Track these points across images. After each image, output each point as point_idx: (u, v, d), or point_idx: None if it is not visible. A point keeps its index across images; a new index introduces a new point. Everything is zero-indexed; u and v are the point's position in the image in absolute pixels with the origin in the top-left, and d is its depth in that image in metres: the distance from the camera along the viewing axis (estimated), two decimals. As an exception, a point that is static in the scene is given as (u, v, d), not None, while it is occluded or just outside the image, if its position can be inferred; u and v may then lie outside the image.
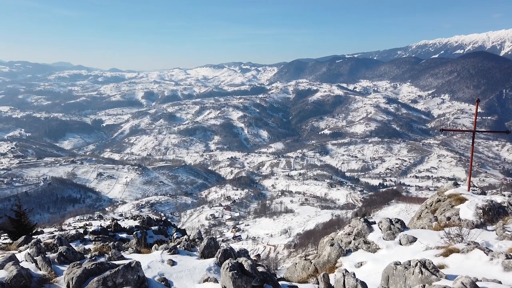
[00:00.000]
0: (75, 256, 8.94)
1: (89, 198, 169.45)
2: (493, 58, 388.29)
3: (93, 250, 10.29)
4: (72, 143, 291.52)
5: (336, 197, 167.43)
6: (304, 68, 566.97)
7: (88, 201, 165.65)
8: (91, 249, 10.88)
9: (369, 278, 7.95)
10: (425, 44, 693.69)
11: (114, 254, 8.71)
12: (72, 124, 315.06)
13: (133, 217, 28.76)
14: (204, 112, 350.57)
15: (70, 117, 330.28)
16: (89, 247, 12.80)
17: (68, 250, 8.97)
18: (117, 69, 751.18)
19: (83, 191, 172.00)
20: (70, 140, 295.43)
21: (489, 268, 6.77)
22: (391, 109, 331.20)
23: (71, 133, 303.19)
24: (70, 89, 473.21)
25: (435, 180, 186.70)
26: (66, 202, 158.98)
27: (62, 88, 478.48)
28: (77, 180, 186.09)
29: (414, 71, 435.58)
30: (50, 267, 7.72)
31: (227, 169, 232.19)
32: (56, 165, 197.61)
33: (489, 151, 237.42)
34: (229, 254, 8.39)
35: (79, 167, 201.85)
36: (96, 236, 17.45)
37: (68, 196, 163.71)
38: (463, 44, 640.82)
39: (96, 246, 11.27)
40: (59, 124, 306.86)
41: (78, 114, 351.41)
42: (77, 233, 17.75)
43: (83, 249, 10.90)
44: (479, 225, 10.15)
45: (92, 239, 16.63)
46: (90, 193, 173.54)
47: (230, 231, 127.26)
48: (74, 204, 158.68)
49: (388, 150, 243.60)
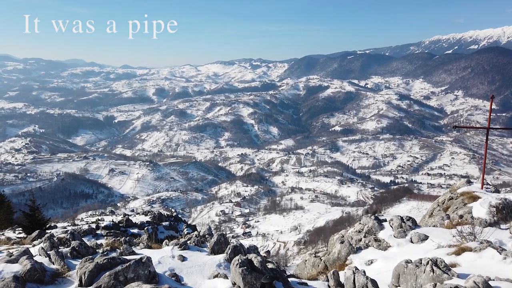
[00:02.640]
0: (88, 251, 9.08)
1: (101, 193, 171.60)
2: (509, 54, 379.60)
3: (105, 245, 10.44)
4: (85, 139, 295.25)
5: (347, 194, 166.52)
6: (315, 64, 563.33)
7: (100, 197, 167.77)
8: (103, 244, 11.03)
9: (379, 276, 7.90)
10: (438, 40, 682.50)
11: (126, 249, 8.82)
12: (85, 120, 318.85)
13: (144, 213, 29.04)
14: (214, 109, 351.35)
15: (83, 114, 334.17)
16: (101, 242, 12.98)
17: (80, 245, 9.11)
18: (128, 66, 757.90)
19: (95, 187, 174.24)
20: (82, 136, 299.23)
21: (503, 267, 6.67)
22: (403, 106, 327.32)
23: (84, 129, 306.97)
24: (83, 86, 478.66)
25: (447, 177, 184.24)
26: (78, 198, 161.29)
27: (75, 84, 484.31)
28: (89, 175, 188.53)
29: (427, 67, 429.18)
30: (63, 262, 7.85)
31: (237, 165, 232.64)
32: (69, 160, 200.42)
33: (504, 149, 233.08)
34: (239, 250, 8.42)
35: (92, 163, 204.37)
36: (108, 231, 17.69)
37: (81, 191, 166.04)
38: (478, 39, 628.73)
39: (108, 241, 11.43)
40: (72, 120, 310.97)
41: (91, 111, 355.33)
42: (90, 228, 18.01)
43: (95, 244, 11.05)
44: (492, 223, 10.00)
45: (104, 234, 16.86)
46: (102, 189, 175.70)
47: (240, 228, 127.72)
48: (86, 199, 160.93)
49: (399, 147, 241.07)
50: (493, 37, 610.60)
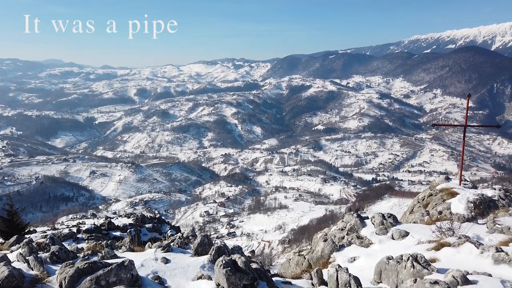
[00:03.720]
0: (68, 255, 8.89)
1: (82, 196, 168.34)
2: (484, 53, 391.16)
3: (86, 249, 10.25)
4: (64, 141, 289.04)
5: (330, 192, 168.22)
6: (298, 64, 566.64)
7: (81, 200, 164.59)
8: (84, 248, 10.83)
9: (362, 273, 8.01)
10: (417, 39, 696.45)
11: (107, 253, 8.68)
12: (64, 122, 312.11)
13: (126, 215, 28.64)
14: (197, 109, 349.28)
15: (62, 115, 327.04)
16: (82, 246, 12.75)
17: (60, 249, 8.92)
18: (109, 66, 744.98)
19: (76, 190, 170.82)
20: (62, 138, 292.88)
21: (480, 261, 6.85)
22: (384, 104, 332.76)
23: (63, 131, 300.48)
24: (62, 87, 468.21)
25: (427, 174, 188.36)
26: (58, 201, 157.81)
27: (53, 85, 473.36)
28: (69, 178, 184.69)
29: (406, 66, 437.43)
30: (43, 267, 7.68)
31: (221, 165, 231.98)
32: (48, 163, 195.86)
33: (481, 145, 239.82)
34: (223, 251, 8.40)
35: (72, 165, 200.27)
36: (89, 235, 17.38)
37: (61, 194, 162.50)
38: (455, 39, 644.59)
39: (89, 245, 11.23)
40: (50, 122, 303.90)
41: (70, 112, 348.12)
42: (70, 232, 17.67)
43: (76, 248, 10.85)
44: (470, 218, 10.27)
45: (85, 238, 16.56)
46: (83, 192, 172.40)
47: (224, 228, 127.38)
48: (67, 202, 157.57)
49: (381, 145, 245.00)
50: (469, 36, 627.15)
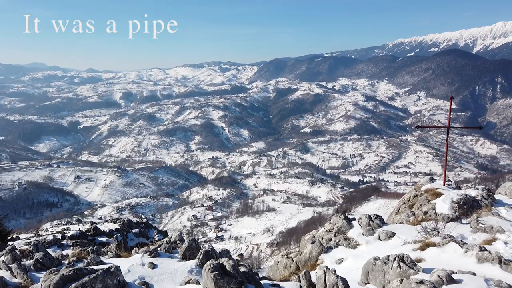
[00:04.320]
0: (52, 262, 8.72)
1: (66, 202, 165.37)
2: (466, 56, 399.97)
3: (71, 256, 10.07)
4: (48, 146, 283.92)
5: (318, 194, 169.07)
6: (284, 67, 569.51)
7: (66, 205, 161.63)
8: (69, 255, 10.65)
9: (349, 274, 8.06)
10: (401, 43, 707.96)
11: (93, 259, 8.54)
12: (48, 126, 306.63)
13: (113, 220, 28.25)
14: (184, 112, 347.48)
15: (46, 119, 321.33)
16: (67, 252, 12.52)
17: (44, 256, 8.75)
18: (94, 70, 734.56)
19: (61, 195, 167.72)
20: (45, 143, 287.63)
21: (464, 261, 6.97)
22: (369, 107, 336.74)
23: (47, 135, 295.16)
24: (45, 91, 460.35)
25: (412, 175, 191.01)
26: (42, 207, 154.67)
27: (36, 89, 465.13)
28: (54, 184, 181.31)
29: (391, 69, 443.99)
30: (26, 275, 7.52)
31: (209, 169, 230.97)
32: (32, 169, 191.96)
33: (464, 146, 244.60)
34: (211, 255, 8.36)
35: (56, 170, 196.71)
36: (74, 241, 17.06)
37: (45, 200, 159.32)
38: (438, 42, 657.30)
39: (74, 251, 11.05)
40: (34, 126, 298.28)
41: (54, 116, 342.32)
42: (55, 239, 17.32)
43: (60, 255, 10.66)
44: (454, 218, 10.45)
45: (70, 244, 16.25)
46: (67, 197, 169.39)
47: (212, 232, 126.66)
48: (51, 208, 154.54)
49: (367, 147, 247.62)
50: (451, 40, 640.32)
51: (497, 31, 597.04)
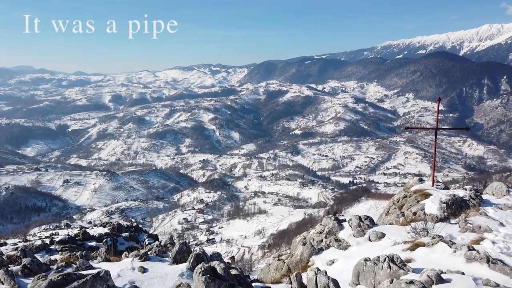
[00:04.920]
0: (40, 267, 8.59)
1: (55, 206, 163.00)
2: (453, 58, 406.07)
3: (59, 261, 9.94)
4: (36, 150, 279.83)
5: (308, 196, 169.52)
6: (274, 69, 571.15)
7: (54, 210, 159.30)
8: (57, 260, 10.50)
9: (340, 275, 8.09)
10: (389, 45, 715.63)
11: (82, 264, 8.44)
12: (35, 130, 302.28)
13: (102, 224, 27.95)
14: (174, 115, 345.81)
15: (33, 123, 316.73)
16: (56, 257, 12.34)
17: (32, 262, 8.61)
18: (82, 72, 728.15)
19: (49, 199, 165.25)
20: (33, 146, 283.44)
21: (453, 260, 7.05)
22: (359, 109, 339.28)
23: (35, 139, 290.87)
24: (33, 94, 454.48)
25: (402, 176, 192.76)
26: (30, 212, 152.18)
27: (23, 92, 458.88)
28: (42, 188, 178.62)
29: (380, 71, 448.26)
30: (13, 281, 7.39)
31: (199, 171, 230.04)
32: (19, 173, 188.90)
33: (452, 147, 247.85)
34: (202, 258, 8.31)
35: (44, 174, 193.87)
36: (63, 246, 16.81)
37: (33, 205, 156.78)
38: (425, 44, 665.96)
39: (63, 256, 10.90)
40: (21, 130, 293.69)
41: (42, 120, 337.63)
42: (43, 244, 17.05)
43: (49, 260, 10.51)
44: (443, 219, 10.57)
45: (59, 249, 16.01)
46: (56, 201, 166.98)
47: (203, 235, 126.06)
48: (39, 213, 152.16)
49: (357, 149, 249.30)
50: (439, 42, 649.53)
51: (483, 33, 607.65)
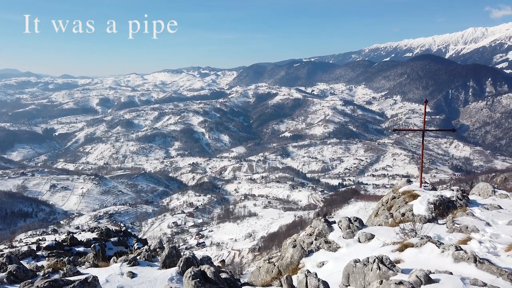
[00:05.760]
0: (27, 274, 8.43)
1: (42, 211, 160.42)
2: (439, 61, 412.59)
3: (46, 267, 9.78)
4: (22, 154, 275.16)
5: (298, 198, 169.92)
6: (263, 72, 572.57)
7: (41, 215, 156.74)
8: (44, 266, 10.32)
9: (330, 277, 8.12)
10: (377, 48, 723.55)
11: (70, 270, 8.31)
12: (21, 134, 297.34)
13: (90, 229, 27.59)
14: (163, 118, 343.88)
15: (19, 127, 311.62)
16: (42, 263, 12.13)
17: (18, 268, 8.44)
18: (69, 76, 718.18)
19: (35, 205, 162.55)
20: (19, 151, 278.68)
21: (441, 260, 7.12)
22: (348, 111, 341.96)
23: (20, 143, 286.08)
24: (18, 97, 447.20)
25: (390, 177, 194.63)
26: (16, 217, 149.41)
27: (9, 96, 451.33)
28: (28, 193, 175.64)
29: (367, 74, 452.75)
30: (-2, 289, 7.24)
31: (189, 175, 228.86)
32: (5, 178, 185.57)
33: (439, 149, 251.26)
34: (192, 262, 8.26)
35: (30, 179, 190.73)
36: (50, 252, 16.53)
37: (19, 210, 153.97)
38: (412, 47, 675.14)
39: (50, 263, 10.72)
40: (6, 134, 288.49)
41: (28, 124, 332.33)
42: (29, 250, 16.74)
43: (35, 267, 10.32)
44: (431, 219, 10.69)
45: (46, 255, 15.74)
46: (43, 206, 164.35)
47: (193, 238, 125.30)
48: (25, 218, 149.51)
49: (346, 151, 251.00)
50: (425, 45, 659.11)
51: (468, 36, 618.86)
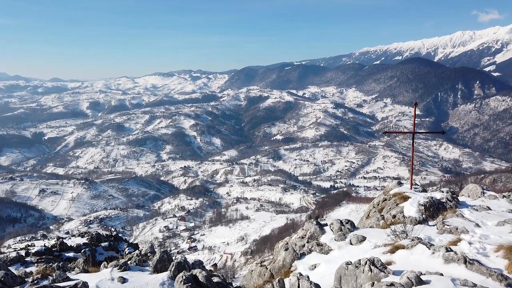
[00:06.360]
0: (15, 281, 8.29)
1: (31, 216, 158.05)
2: (428, 64, 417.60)
3: (35, 273, 9.63)
4: (10, 159, 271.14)
5: (290, 201, 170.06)
6: (255, 75, 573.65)
7: (30, 220, 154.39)
8: (33, 272, 10.17)
9: (323, 280, 8.12)
10: (367, 51, 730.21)
11: (59, 276, 8.19)
12: (10, 138, 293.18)
13: (80, 234, 27.17)
14: (154, 121, 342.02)
15: (7, 131, 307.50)
16: (31, 269, 11.94)
17: (6, 274, 8.30)
18: (58, 79, 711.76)
19: (24, 210, 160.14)
20: (7, 155, 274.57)
21: (432, 261, 7.18)
22: (339, 114, 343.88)
23: (9, 148, 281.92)
24: (7, 101, 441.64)
25: (381, 180, 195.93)
26: (4, 223, 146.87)
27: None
28: (16, 198, 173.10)
29: (358, 77, 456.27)
30: (-14, 296, 7.10)
31: (180, 178, 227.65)
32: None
33: (429, 151, 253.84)
34: (183, 266, 8.20)
35: (19, 184, 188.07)
36: (39, 258, 16.27)
37: (7, 216, 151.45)
38: (401, 50, 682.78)
39: (39, 268, 10.57)
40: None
41: (16, 128, 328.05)
42: (18, 256, 16.47)
43: (24, 273, 10.16)
44: (421, 221, 10.77)
45: (35, 261, 15.49)
46: (32, 212, 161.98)
47: (185, 242, 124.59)
48: (14, 224, 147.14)
49: (337, 153, 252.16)
50: (414, 48, 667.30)
51: (456, 40, 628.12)
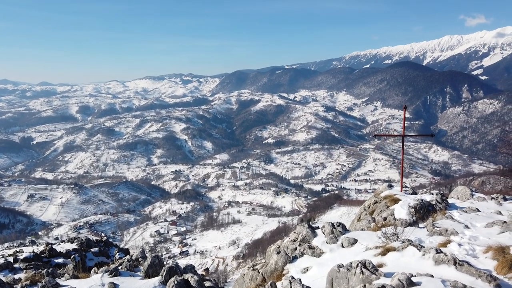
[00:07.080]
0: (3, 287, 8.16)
1: (19, 222, 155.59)
2: (417, 68, 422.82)
3: (24, 280, 9.49)
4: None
5: (282, 204, 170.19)
6: (246, 79, 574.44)
7: (18, 226, 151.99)
8: (21, 279, 10.01)
9: (315, 283, 8.13)
10: (357, 55, 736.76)
11: (48, 282, 8.08)
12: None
13: (70, 240, 26.79)
14: (145, 125, 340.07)
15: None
16: (20, 276, 11.75)
17: (-6, 282, 8.16)
18: (47, 83, 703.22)
19: (12, 216, 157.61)
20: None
21: (422, 263, 7.23)
22: (330, 117, 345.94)
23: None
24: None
25: (372, 182, 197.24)
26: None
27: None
28: (4, 203, 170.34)
29: (348, 80, 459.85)
30: (-27, 304, 6.97)
31: (172, 182, 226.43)
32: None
33: (418, 153, 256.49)
34: (175, 271, 8.15)
35: (7, 189, 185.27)
36: (27, 264, 16.01)
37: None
38: (391, 54, 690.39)
39: (28, 275, 10.41)
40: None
41: (4, 132, 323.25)
42: (6, 262, 16.19)
43: (12, 280, 10.00)
44: (412, 223, 10.86)
45: (23, 268, 15.24)
46: (20, 217, 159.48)
47: (177, 247, 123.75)
48: (2, 230, 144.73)
49: (328, 156, 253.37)
50: (403, 52, 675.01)
51: (445, 44, 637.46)
